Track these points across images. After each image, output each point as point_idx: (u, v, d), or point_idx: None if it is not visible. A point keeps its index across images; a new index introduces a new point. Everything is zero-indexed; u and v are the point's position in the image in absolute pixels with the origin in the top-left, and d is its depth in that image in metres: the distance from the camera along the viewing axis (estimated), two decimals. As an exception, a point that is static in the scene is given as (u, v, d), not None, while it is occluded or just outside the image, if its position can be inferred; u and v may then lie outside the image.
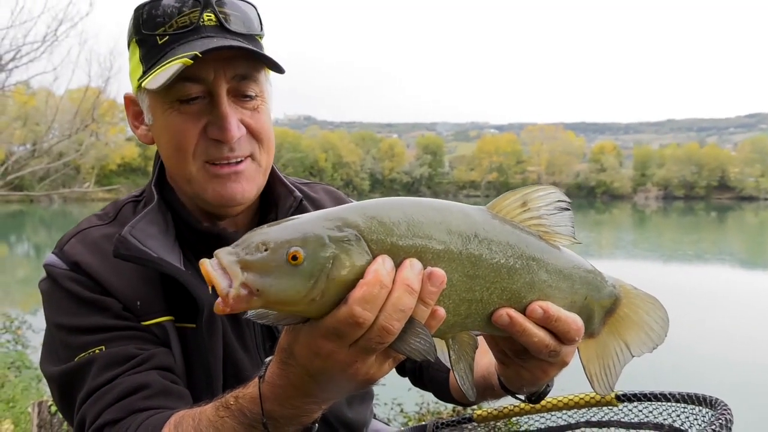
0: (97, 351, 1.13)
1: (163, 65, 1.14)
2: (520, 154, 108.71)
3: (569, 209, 0.94)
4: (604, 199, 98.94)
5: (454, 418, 1.60)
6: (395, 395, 4.42)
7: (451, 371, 0.93)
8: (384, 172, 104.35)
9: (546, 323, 0.89)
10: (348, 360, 0.79)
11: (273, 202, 1.35)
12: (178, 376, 1.18)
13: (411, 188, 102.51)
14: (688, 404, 1.15)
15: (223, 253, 0.75)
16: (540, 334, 0.89)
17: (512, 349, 0.96)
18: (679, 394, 1.17)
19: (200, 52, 1.11)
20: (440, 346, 0.90)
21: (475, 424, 1.55)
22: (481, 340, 1.04)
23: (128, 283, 1.19)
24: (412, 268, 0.78)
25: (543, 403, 1.44)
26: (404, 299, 0.76)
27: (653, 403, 1.22)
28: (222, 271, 0.74)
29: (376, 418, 1.72)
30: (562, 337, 0.90)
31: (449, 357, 0.88)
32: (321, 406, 0.90)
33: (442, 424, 1.59)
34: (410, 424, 3.98)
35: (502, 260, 0.87)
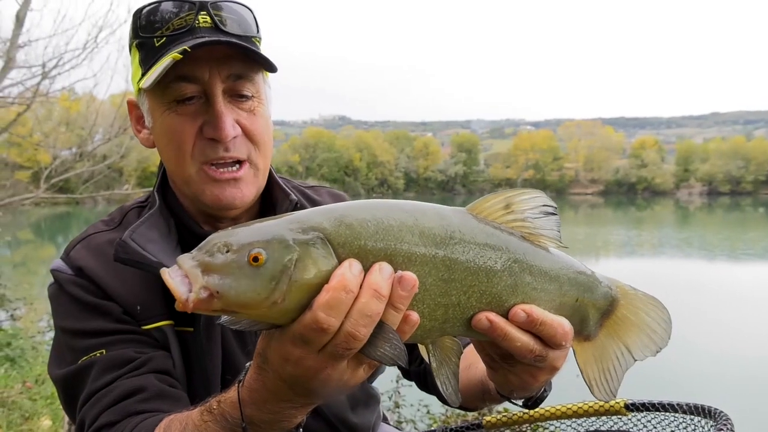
0: (98, 354, 1.15)
1: (159, 63, 1.16)
2: (557, 151, 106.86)
3: (555, 214, 0.90)
4: (645, 195, 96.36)
5: (463, 425, 1.57)
6: (421, 396, 4.40)
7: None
8: (419, 170, 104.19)
9: (530, 327, 0.86)
10: (317, 366, 0.78)
11: (271, 205, 1.35)
12: (176, 379, 1.19)
13: (446, 186, 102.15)
14: (695, 416, 1.10)
15: (185, 258, 0.76)
16: (523, 339, 0.86)
17: (498, 354, 0.93)
18: (686, 404, 1.12)
19: (190, 47, 1.12)
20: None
21: (484, 431, 1.52)
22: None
23: (130, 288, 1.21)
24: (381, 272, 0.76)
25: (552, 410, 1.41)
26: (371, 305, 0.75)
27: (661, 413, 1.17)
28: (183, 276, 0.74)
29: (386, 423, 1.71)
30: (548, 341, 0.87)
31: (430, 363, 0.86)
32: (301, 411, 0.89)
33: (451, 430, 1.57)
34: (434, 426, 3.95)
35: (480, 263, 0.84)
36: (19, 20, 11.19)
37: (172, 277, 0.75)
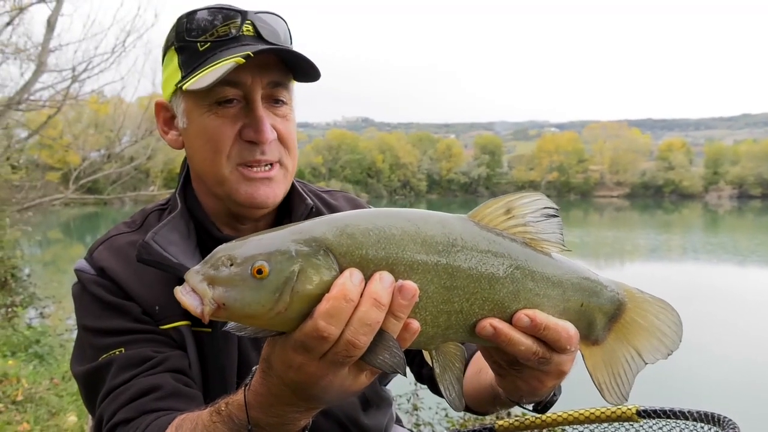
0: (117, 353, 1.19)
1: (212, 65, 1.19)
2: (581, 153, 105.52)
3: (557, 216, 0.90)
4: (672, 198, 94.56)
5: (476, 428, 1.58)
6: (440, 400, 4.39)
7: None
8: (441, 172, 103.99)
9: (534, 332, 0.87)
10: (319, 372, 0.80)
11: (287, 210, 1.38)
12: (192, 378, 1.22)
13: (469, 189, 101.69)
14: (705, 423, 1.10)
15: (192, 273, 0.79)
16: (527, 342, 0.86)
17: (505, 360, 0.94)
18: (697, 412, 1.12)
19: (253, 53, 1.16)
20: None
21: (496, 434, 1.53)
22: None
23: (149, 288, 1.25)
24: (382, 281, 0.78)
25: (565, 415, 1.41)
26: (371, 313, 0.76)
27: (672, 420, 1.17)
28: (194, 291, 0.77)
29: (400, 425, 1.72)
30: (552, 345, 0.88)
31: (433, 368, 0.87)
32: (305, 415, 0.91)
33: (463, 433, 1.58)
34: (451, 429, 3.94)
35: (482, 270, 0.85)
36: (50, 25, 11.52)
37: (184, 294, 0.78)
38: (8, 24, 11.40)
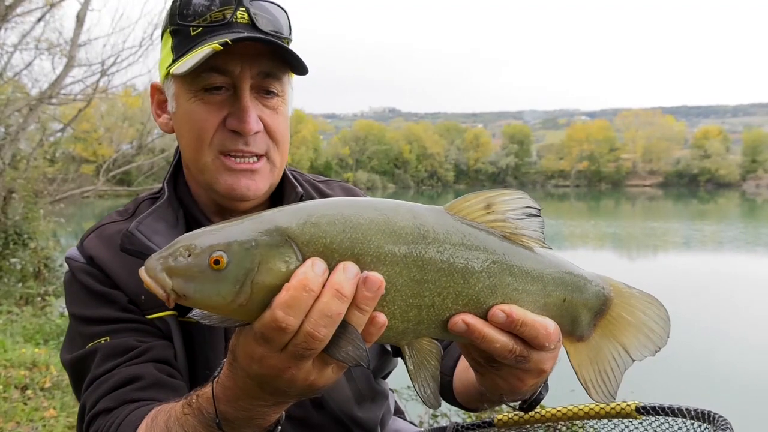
0: (102, 341, 1.19)
1: (195, 51, 1.18)
2: (613, 142, 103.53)
3: (539, 216, 0.86)
4: (708, 187, 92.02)
5: (474, 423, 1.55)
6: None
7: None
8: (469, 162, 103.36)
9: (511, 328, 0.82)
10: (281, 365, 0.77)
11: (279, 199, 1.36)
12: (177, 369, 1.21)
13: (497, 178, 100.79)
14: (702, 421, 1.05)
15: (152, 261, 0.76)
16: (503, 339, 0.82)
17: (483, 357, 0.90)
18: (694, 410, 1.07)
19: (231, 40, 1.13)
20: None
21: (496, 429, 1.49)
22: None
23: (136, 278, 1.22)
24: (345, 272, 0.75)
25: (564, 411, 1.36)
26: (332, 305, 0.73)
27: (670, 417, 1.12)
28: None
29: (402, 417, 1.70)
30: (530, 342, 0.84)
31: (406, 365, 0.83)
32: (274, 410, 0.88)
33: (462, 427, 1.55)
34: (468, 421, 3.91)
35: (455, 263, 0.80)
36: (80, 20, 11.76)
37: (149, 277, 0.76)
38: (39, 20, 11.68)
